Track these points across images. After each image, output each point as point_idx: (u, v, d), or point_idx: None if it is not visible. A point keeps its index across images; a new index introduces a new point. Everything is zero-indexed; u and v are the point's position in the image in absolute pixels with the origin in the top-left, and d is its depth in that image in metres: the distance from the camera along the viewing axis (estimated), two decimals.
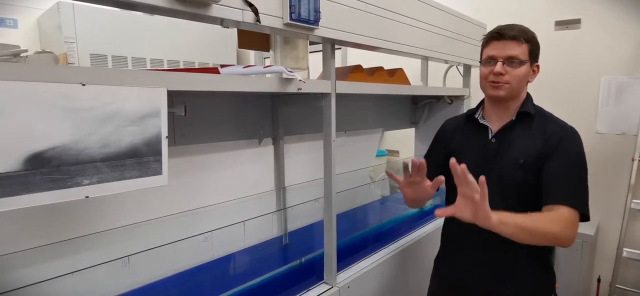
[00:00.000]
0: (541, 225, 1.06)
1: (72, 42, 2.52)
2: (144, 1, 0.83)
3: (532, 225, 1.05)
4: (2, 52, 1.07)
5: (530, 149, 1.21)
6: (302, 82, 1.20)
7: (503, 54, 1.21)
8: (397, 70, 2.04)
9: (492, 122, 1.31)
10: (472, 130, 1.36)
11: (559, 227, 1.07)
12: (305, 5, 1.12)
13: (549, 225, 1.07)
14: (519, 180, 1.21)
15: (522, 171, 1.20)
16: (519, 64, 1.20)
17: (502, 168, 1.24)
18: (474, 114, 1.37)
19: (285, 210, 1.94)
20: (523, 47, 1.20)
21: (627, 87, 2.42)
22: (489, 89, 1.26)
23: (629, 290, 2.48)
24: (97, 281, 1.27)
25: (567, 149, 1.17)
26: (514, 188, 1.22)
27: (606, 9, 2.45)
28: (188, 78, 0.95)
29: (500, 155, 1.26)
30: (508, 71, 1.21)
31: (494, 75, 1.22)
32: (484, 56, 1.27)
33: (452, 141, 1.40)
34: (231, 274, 1.67)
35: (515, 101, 1.27)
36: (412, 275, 1.87)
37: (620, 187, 2.47)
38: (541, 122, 1.24)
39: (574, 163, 1.16)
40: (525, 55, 1.20)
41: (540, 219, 1.08)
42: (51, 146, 0.73)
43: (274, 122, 1.79)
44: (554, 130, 1.21)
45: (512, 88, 1.22)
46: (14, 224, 1.18)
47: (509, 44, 1.20)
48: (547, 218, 1.09)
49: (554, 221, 1.08)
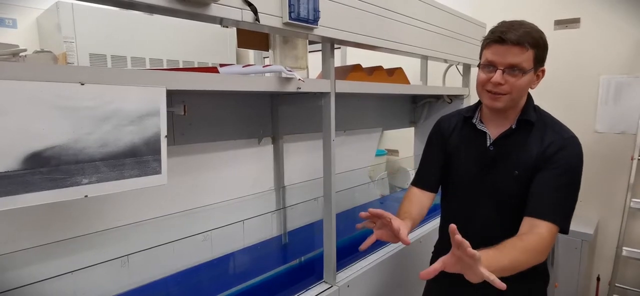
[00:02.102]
0: (520, 261, 1.01)
1: (72, 42, 2.52)
2: (143, 0, 0.83)
3: (512, 265, 0.99)
4: (1, 51, 1.07)
5: (525, 161, 1.15)
6: (302, 81, 1.20)
7: (504, 61, 1.08)
8: (397, 69, 2.04)
9: (490, 128, 1.24)
10: (469, 134, 1.29)
11: (534, 256, 1.03)
12: (304, 5, 1.12)
13: (527, 257, 1.02)
14: (514, 192, 1.16)
15: (517, 183, 1.16)
16: (521, 74, 1.08)
17: (498, 179, 1.20)
18: (472, 118, 1.29)
19: (284, 210, 1.94)
20: (528, 53, 1.07)
21: (627, 86, 2.42)
22: (486, 99, 1.17)
23: (628, 288, 2.48)
24: (97, 280, 1.27)
25: (561, 162, 1.11)
26: (509, 200, 1.18)
27: (605, 8, 2.45)
28: (187, 77, 0.95)
29: (496, 165, 1.21)
30: (508, 81, 1.09)
31: (493, 85, 1.11)
32: (483, 59, 1.15)
33: (449, 142, 1.35)
34: (231, 273, 1.67)
35: (514, 108, 1.19)
36: (411, 274, 1.87)
37: (620, 186, 2.47)
38: (541, 129, 1.17)
39: (565, 176, 1.11)
40: (529, 62, 1.09)
41: (519, 255, 1.01)
42: (50, 145, 0.73)
43: (274, 121, 1.79)
44: (552, 140, 1.14)
45: (512, 99, 1.13)
46: (13, 223, 1.18)
47: (512, 50, 1.07)
48: (524, 249, 1.03)
49: (531, 249, 1.03)
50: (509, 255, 1.00)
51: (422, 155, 1.46)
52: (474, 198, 1.26)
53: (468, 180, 1.27)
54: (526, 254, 1.03)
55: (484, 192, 1.23)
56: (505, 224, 1.18)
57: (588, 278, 2.53)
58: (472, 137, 1.28)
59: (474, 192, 1.26)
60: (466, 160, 1.28)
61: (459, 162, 1.31)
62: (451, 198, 1.34)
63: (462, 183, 1.30)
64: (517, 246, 1.03)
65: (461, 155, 1.30)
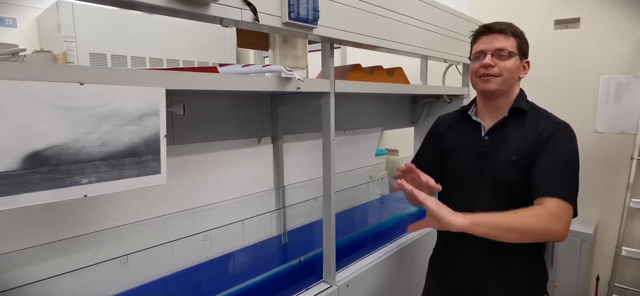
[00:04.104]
0: (520, 221, 1.04)
1: (72, 41, 2.52)
2: (144, 0, 0.83)
3: (508, 222, 1.03)
4: (1, 51, 1.07)
5: (522, 147, 1.20)
6: (301, 81, 1.20)
7: (491, 46, 1.22)
8: (397, 69, 2.04)
9: (485, 119, 1.31)
10: (465, 127, 1.36)
11: (543, 222, 1.04)
12: (304, 4, 1.12)
13: (531, 220, 1.05)
14: (511, 178, 1.20)
15: (515, 169, 1.20)
16: (508, 56, 1.21)
17: (495, 167, 1.23)
18: (467, 111, 1.36)
19: (284, 209, 1.94)
20: (511, 40, 1.22)
21: (627, 86, 2.42)
22: (480, 83, 1.26)
23: (627, 288, 2.48)
24: (96, 280, 1.27)
25: (557, 144, 1.16)
26: (507, 186, 1.22)
27: (605, 8, 2.45)
28: (187, 77, 0.95)
29: (493, 153, 1.25)
30: (497, 63, 1.21)
31: (484, 68, 1.22)
32: (473, 52, 1.29)
33: (445, 138, 1.40)
34: (230, 273, 1.67)
35: (507, 97, 1.27)
36: (411, 273, 1.87)
37: (619, 185, 2.47)
38: (534, 118, 1.24)
39: (563, 157, 1.15)
40: (513, 47, 1.22)
41: (519, 215, 1.04)
42: (50, 145, 0.73)
43: (273, 121, 1.79)
44: (545, 126, 1.20)
45: (503, 80, 1.22)
46: (13, 223, 1.18)
47: (497, 37, 1.22)
48: (529, 213, 1.06)
49: (538, 216, 1.06)
50: (505, 215, 1.04)
51: (418, 148, 1.51)
52: (473, 189, 1.28)
53: (466, 171, 1.31)
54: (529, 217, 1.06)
55: (482, 181, 1.26)
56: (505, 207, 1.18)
57: (587, 278, 2.53)
58: (468, 129, 1.34)
59: (472, 182, 1.28)
60: (463, 152, 1.32)
61: (456, 155, 1.35)
62: (450, 190, 1.35)
63: (460, 174, 1.33)
64: (519, 211, 1.06)
65: (458, 148, 1.34)
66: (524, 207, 1.12)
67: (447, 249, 1.42)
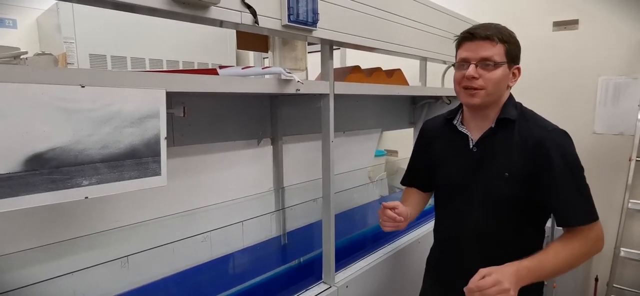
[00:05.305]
0: (567, 263, 1.10)
1: (72, 43, 2.52)
2: (144, 3, 0.83)
3: (554, 269, 1.09)
4: (2, 54, 1.07)
5: (515, 161, 1.14)
6: (301, 83, 1.21)
7: (476, 55, 1.12)
8: (396, 70, 2.04)
9: (472, 130, 1.24)
10: (451, 138, 1.29)
11: (589, 251, 1.12)
12: (303, 7, 1.13)
13: (580, 259, 1.11)
14: (506, 194, 1.15)
15: (509, 185, 1.15)
16: (494, 66, 1.11)
17: (487, 182, 1.19)
18: (453, 120, 1.29)
19: (283, 210, 1.94)
20: (498, 47, 1.11)
21: (625, 87, 2.43)
22: (463, 96, 1.17)
23: (626, 289, 2.49)
24: (96, 281, 1.27)
25: (566, 161, 1.10)
26: (503, 202, 1.17)
27: (604, 10, 2.46)
28: (187, 79, 0.95)
29: (484, 167, 1.20)
30: (482, 74, 1.11)
31: (467, 80, 1.13)
32: (457, 58, 1.19)
33: (432, 147, 1.36)
34: (230, 274, 1.67)
35: (494, 107, 1.18)
36: (410, 274, 1.88)
37: (618, 186, 2.48)
38: (524, 127, 1.16)
39: (576, 174, 1.12)
40: (501, 56, 1.11)
41: (561, 255, 1.10)
42: (51, 147, 0.74)
43: (273, 122, 1.80)
44: (540, 136, 1.13)
45: (488, 93, 1.13)
46: (14, 224, 1.18)
47: (482, 45, 1.11)
48: (574, 252, 1.11)
49: (582, 251, 1.11)
50: (552, 262, 1.09)
51: (410, 158, 1.51)
52: (467, 201, 1.25)
53: (458, 184, 1.27)
54: (577, 251, 1.11)
55: (475, 194, 1.23)
56: (501, 220, 1.20)
57: (586, 279, 2.54)
58: (455, 141, 1.28)
59: (465, 194, 1.25)
60: (453, 165, 1.28)
61: (446, 168, 1.31)
62: (445, 202, 1.35)
63: (452, 187, 1.30)
64: (559, 252, 1.11)
65: (447, 161, 1.30)
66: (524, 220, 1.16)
67: (443, 250, 1.42)
